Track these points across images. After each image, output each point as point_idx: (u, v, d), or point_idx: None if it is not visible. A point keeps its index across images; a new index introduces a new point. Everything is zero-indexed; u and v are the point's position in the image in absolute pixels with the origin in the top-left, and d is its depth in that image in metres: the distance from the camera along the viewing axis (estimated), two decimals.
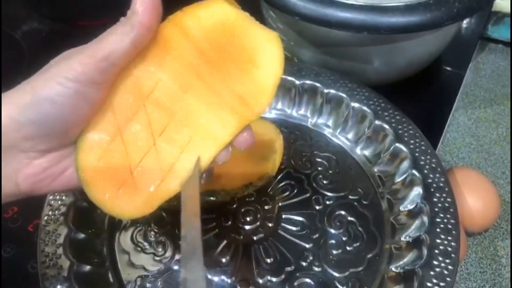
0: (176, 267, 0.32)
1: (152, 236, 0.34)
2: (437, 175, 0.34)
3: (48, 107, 0.20)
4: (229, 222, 0.34)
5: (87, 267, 0.31)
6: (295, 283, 0.31)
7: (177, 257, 0.33)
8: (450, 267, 0.29)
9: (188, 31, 0.23)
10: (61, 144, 0.22)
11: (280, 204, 0.35)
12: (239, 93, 0.23)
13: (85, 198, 0.24)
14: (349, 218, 0.34)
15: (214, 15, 0.23)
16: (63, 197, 0.34)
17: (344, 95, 0.40)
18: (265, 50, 0.23)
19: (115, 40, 0.21)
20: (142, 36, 0.21)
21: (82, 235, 0.33)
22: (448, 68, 0.52)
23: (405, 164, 0.35)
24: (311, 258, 0.32)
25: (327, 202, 0.35)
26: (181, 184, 0.23)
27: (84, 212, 0.34)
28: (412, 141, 0.36)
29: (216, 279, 0.32)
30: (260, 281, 0.31)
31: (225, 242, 0.33)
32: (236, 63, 0.23)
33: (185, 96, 0.23)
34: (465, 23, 0.58)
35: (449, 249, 0.30)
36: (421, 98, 0.49)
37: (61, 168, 0.23)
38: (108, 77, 0.21)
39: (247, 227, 0.34)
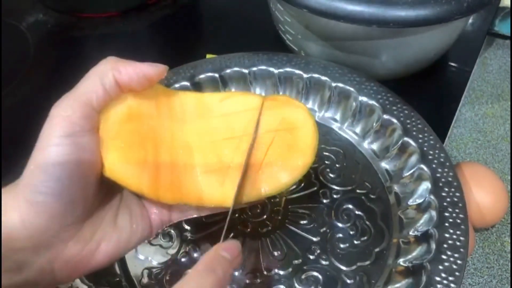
0: (183, 260, 0.32)
1: None
2: (446, 169, 0.34)
3: (58, 171, 0.20)
4: (236, 215, 0.34)
5: None
6: (303, 276, 0.31)
7: (183, 249, 0.33)
8: (459, 261, 0.29)
9: None
10: (85, 210, 0.22)
11: (287, 197, 0.35)
12: None
13: None
14: (357, 212, 0.34)
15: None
16: None
17: (352, 89, 0.39)
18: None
19: (91, 87, 0.22)
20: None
21: None
22: (455, 64, 0.52)
23: (413, 158, 0.35)
24: (318, 251, 0.32)
25: (335, 196, 0.35)
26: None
27: None
28: (420, 136, 0.36)
29: None
30: (268, 273, 0.31)
31: (232, 234, 0.33)
32: None
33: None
34: (472, 18, 0.58)
35: (458, 243, 0.29)
36: (428, 94, 0.49)
37: (96, 243, 0.23)
38: (93, 122, 0.22)
39: (254, 220, 0.34)
